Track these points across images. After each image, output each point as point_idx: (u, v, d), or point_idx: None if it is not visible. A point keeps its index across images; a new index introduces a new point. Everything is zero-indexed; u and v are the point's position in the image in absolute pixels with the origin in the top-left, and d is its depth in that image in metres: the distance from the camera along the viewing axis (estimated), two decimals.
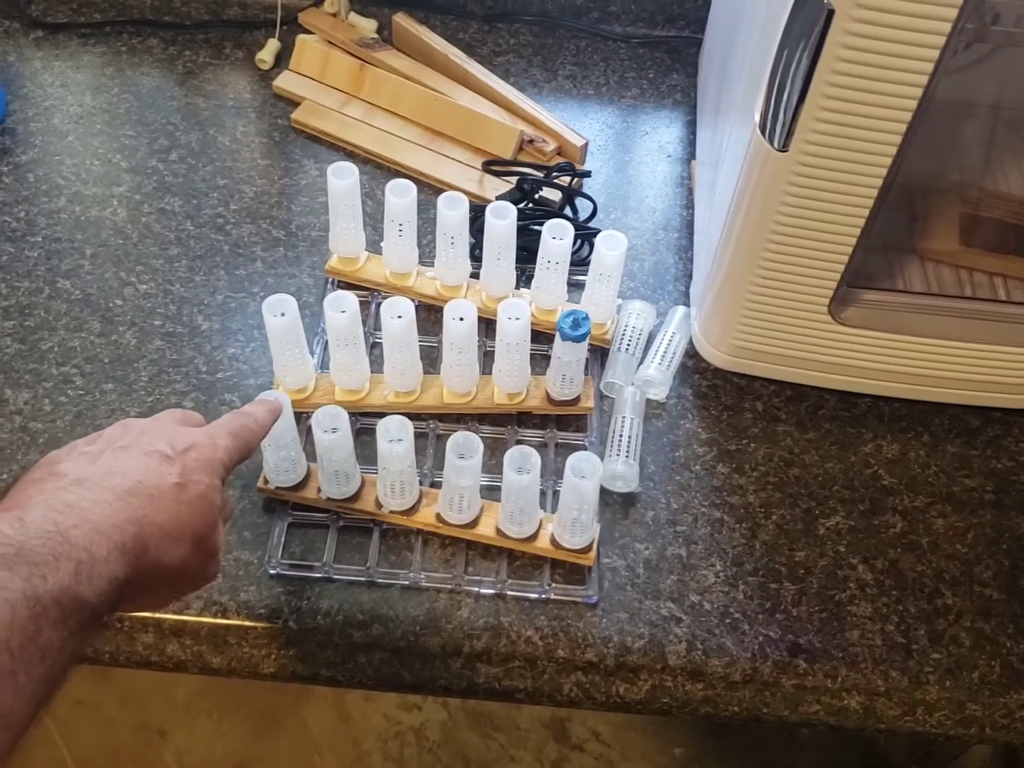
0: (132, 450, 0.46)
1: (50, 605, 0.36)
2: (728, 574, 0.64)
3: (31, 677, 0.35)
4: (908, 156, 0.56)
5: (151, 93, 0.90)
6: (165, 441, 0.47)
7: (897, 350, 0.67)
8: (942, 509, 0.68)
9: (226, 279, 0.77)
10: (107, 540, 0.40)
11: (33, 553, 0.37)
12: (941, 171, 0.77)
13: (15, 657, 0.35)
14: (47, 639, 0.36)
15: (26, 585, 0.36)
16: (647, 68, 0.94)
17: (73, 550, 0.38)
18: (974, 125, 0.79)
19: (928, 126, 0.56)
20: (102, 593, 0.39)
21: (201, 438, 0.48)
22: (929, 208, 0.74)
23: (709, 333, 0.70)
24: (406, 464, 0.61)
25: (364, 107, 0.88)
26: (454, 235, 0.70)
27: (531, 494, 0.60)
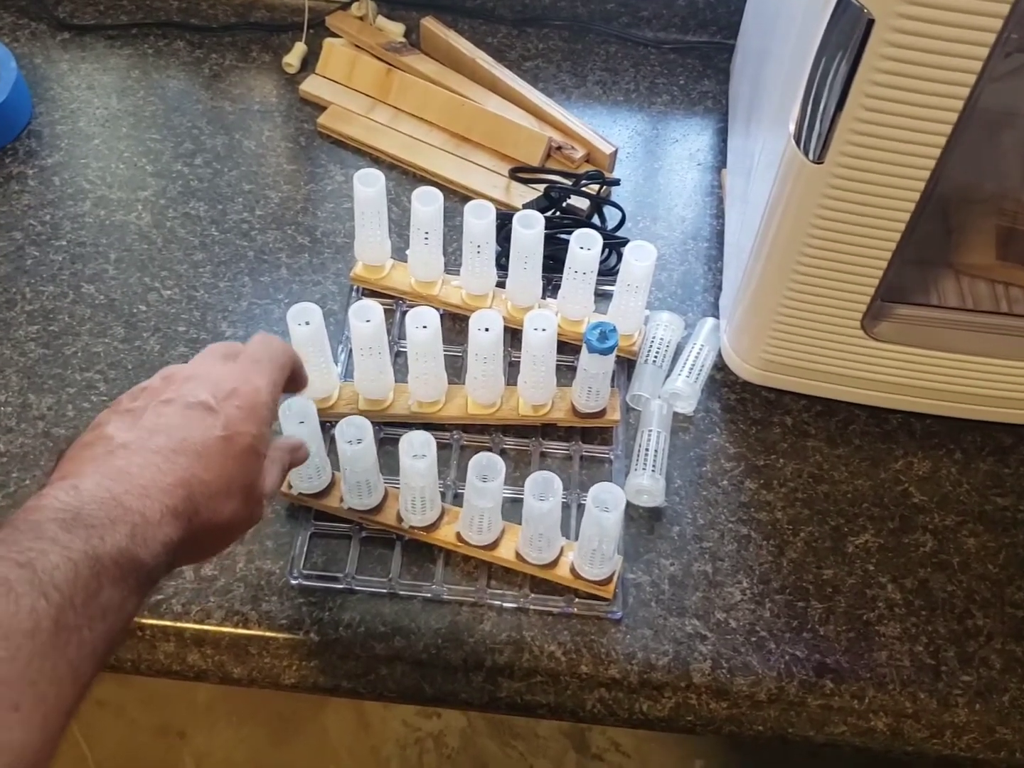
0: (175, 404, 0.46)
1: (109, 565, 0.38)
2: (755, 591, 0.63)
3: (94, 632, 0.37)
4: (947, 168, 0.55)
5: (177, 96, 0.90)
6: (207, 390, 0.46)
7: (930, 366, 0.65)
8: (974, 528, 0.66)
9: (251, 285, 0.77)
10: (159, 504, 0.41)
11: (90, 517, 0.38)
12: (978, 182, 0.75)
13: (79, 613, 0.36)
14: (108, 597, 0.37)
15: (86, 546, 0.37)
16: (678, 74, 0.93)
17: (127, 514, 0.40)
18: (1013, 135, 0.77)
19: (968, 137, 0.55)
20: (157, 555, 0.40)
21: (242, 385, 0.48)
22: (965, 220, 0.72)
23: (738, 346, 0.69)
24: (428, 480, 0.60)
25: (391, 112, 0.88)
26: (480, 244, 0.69)
27: (552, 520, 0.59)
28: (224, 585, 0.62)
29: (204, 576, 0.63)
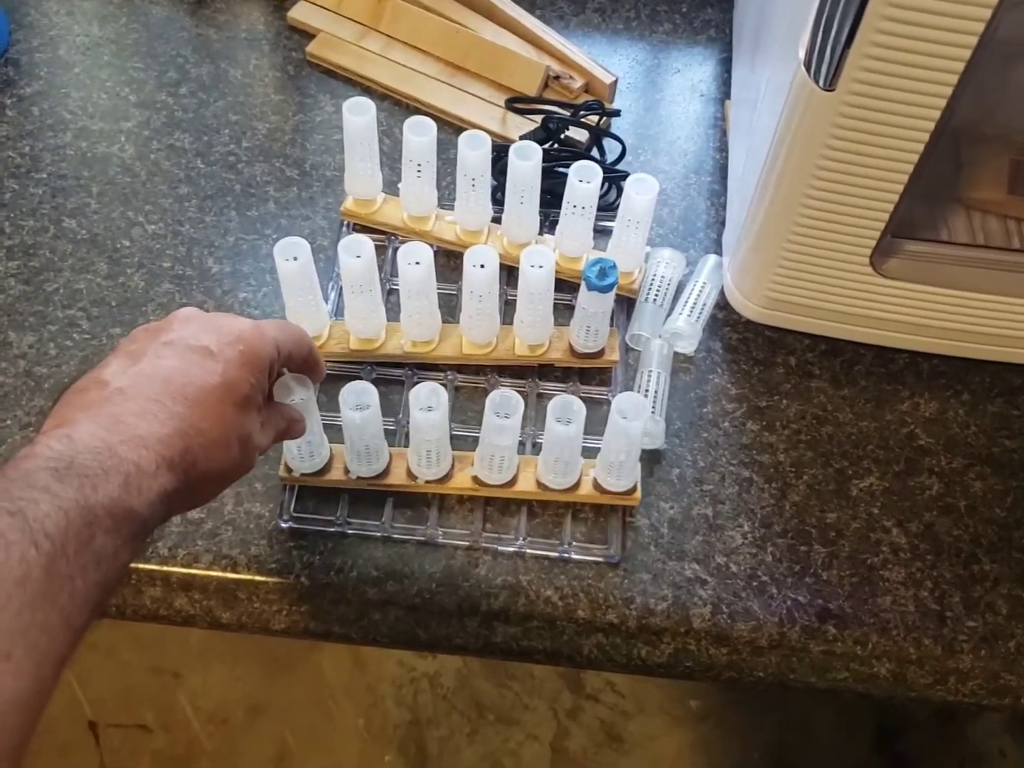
0: (175, 346, 0.45)
1: (102, 514, 0.37)
2: (756, 535, 0.62)
3: (87, 582, 0.36)
4: (962, 99, 0.52)
5: (161, 23, 0.86)
6: (210, 333, 0.45)
7: (939, 304, 0.63)
8: (981, 471, 0.65)
9: (237, 220, 0.75)
10: (155, 455, 0.40)
11: (83, 467, 0.38)
12: (991, 115, 0.72)
13: (71, 562, 0.36)
14: (100, 546, 0.37)
15: (78, 495, 0.37)
16: (680, 2, 0.89)
17: (122, 464, 0.39)
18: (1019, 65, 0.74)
19: (985, 67, 0.52)
20: (152, 504, 0.39)
21: (248, 329, 0.47)
22: (976, 155, 0.70)
23: (742, 284, 0.67)
24: (441, 432, 0.58)
25: (383, 40, 0.84)
26: (475, 177, 0.67)
27: (575, 444, 0.58)
28: (212, 528, 0.61)
29: (191, 519, 0.61)
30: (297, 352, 0.51)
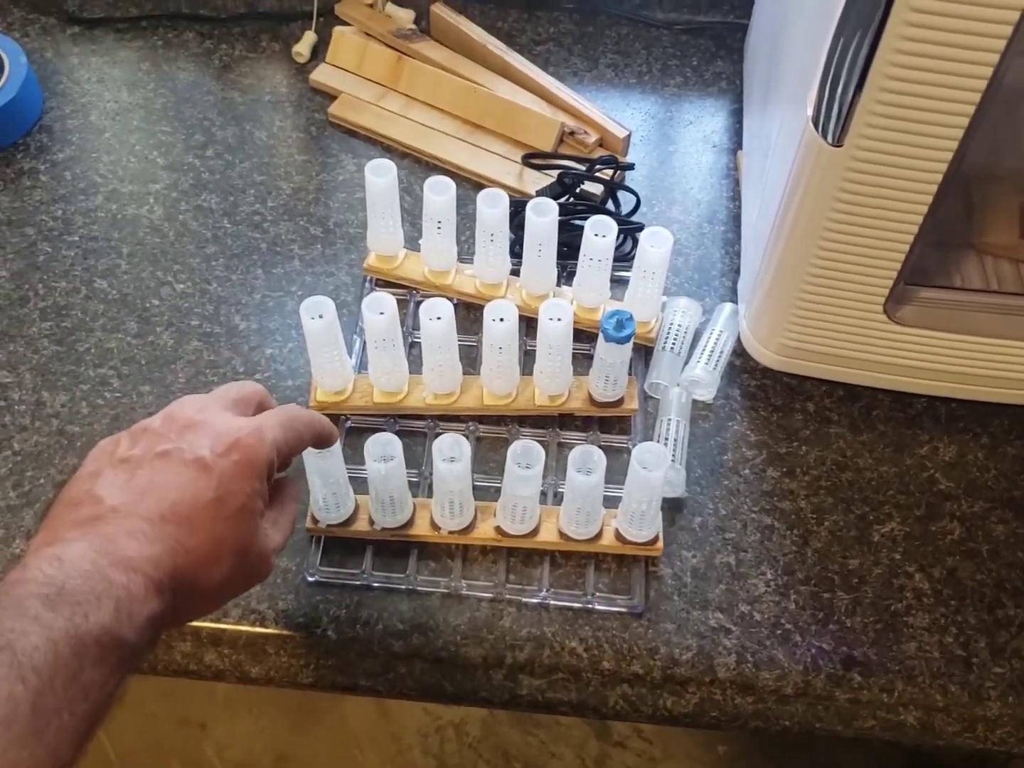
0: (171, 459, 0.45)
1: (91, 644, 0.37)
2: (779, 583, 0.62)
3: (75, 715, 0.36)
4: (971, 148, 0.53)
5: (187, 88, 0.89)
6: (208, 443, 0.45)
7: (954, 349, 0.64)
8: (1002, 515, 0.65)
9: (263, 278, 0.76)
10: (144, 577, 0.40)
11: (74, 592, 0.37)
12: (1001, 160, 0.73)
13: (59, 696, 0.35)
14: (89, 677, 0.36)
15: (69, 624, 0.36)
16: (691, 55, 0.91)
17: (112, 588, 0.39)
18: None
19: (992, 115, 0.53)
20: (141, 630, 0.39)
21: (248, 433, 0.46)
22: (987, 199, 0.71)
23: (758, 331, 0.68)
24: (464, 483, 0.59)
25: (402, 100, 0.86)
26: (494, 232, 0.68)
27: (597, 493, 0.59)
28: None
29: None
30: (304, 443, 0.50)
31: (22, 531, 0.63)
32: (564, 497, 0.60)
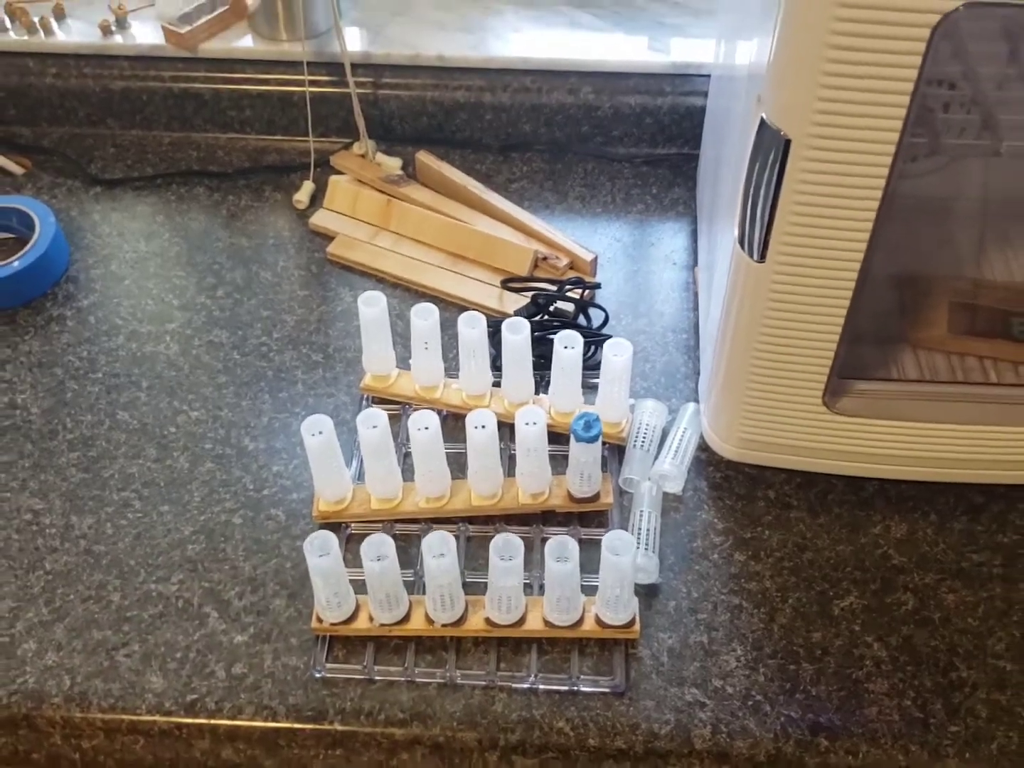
0: None
1: None
2: (749, 658, 0.67)
3: None
4: (878, 256, 0.61)
5: (199, 236, 0.99)
6: None
7: (895, 435, 0.71)
8: (952, 584, 0.70)
9: (270, 402, 0.84)
10: None
11: None
12: (928, 264, 0.82)
13: None
14: None
15: None
16: (651, 184, 1.01)
17: None
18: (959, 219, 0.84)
19: (895, 226, 0.61)
20: None
21: None
22: (918, 300, 0.79)
23: (717, 427, 0.75)
24: (452, 576, 0.65)
25: (392, 237, 0.96)
26: (474, 349, 0.76)
27: (574, 581, 0.65)
28: (253, 682, 0.67)
29: (234, 675, 0.68)
30: None
31: (53, 644, 0.69)
32: (545, 586, 0.66)
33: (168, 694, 0.67)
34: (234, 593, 0.72)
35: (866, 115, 0.53)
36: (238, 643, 0.69)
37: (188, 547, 0.74)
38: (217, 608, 0.71)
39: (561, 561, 0.63)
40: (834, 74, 0.52)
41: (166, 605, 0.71)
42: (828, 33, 0.51)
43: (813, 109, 0.53)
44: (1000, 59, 0.67)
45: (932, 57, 0.51)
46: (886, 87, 0.52)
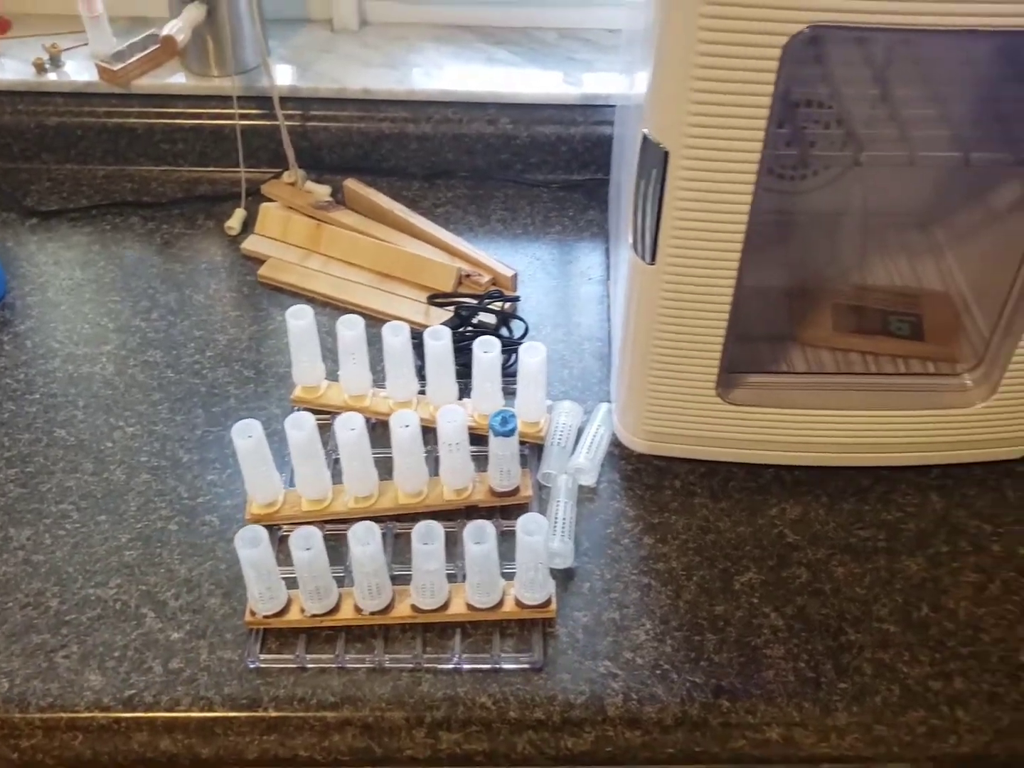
0: None
1: None
2: (657, 631, 0.72)
3: None
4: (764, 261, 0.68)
5: (133, 263, 1.03)
6: None
7: (785, 422, 0.77)
8: (841, 559, 0.76)
9: (204, 416, 0.88)
10: None
11: None
12: (814, 270, 0.89)
13: None
14: None
15: None
16: (567, 207, 1.08)
17: None
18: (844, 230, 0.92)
19: (784, 237, 0.68)
20: None
21: None
22: (805, 302, 0.86)
23: (626, 422, 0.81)
24: (378, 564, 0.69)
25: (322, 259, 1.01)
26: (399, 357, 0.81)
27: (492, 563, 0.69)
28: (190, 675, 0.70)
29: (171, 669, 0.71)
30: None
31: None
32: (466, 570, 0.71)
33: (106, 691, 0.69)
34: (170, 594, 0.75)
35: (732, 127, 0.60)
36: (174, 640, 0.72)
37: (125, 553, 0.78)
38: (154, 608, 0.74)
39: (479, 543, 0.67)
40: (701, 91, 0.59)
41: (104, 608, 0.74)
42: (694, 55, 0.57)
43: (686, 123, 0.60)
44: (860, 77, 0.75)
45: (792, 76, 0.58)
46: (747, 102, 0.59)
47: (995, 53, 0.78)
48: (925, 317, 0.85)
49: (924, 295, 0.88)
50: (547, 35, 1.12)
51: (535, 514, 0.69)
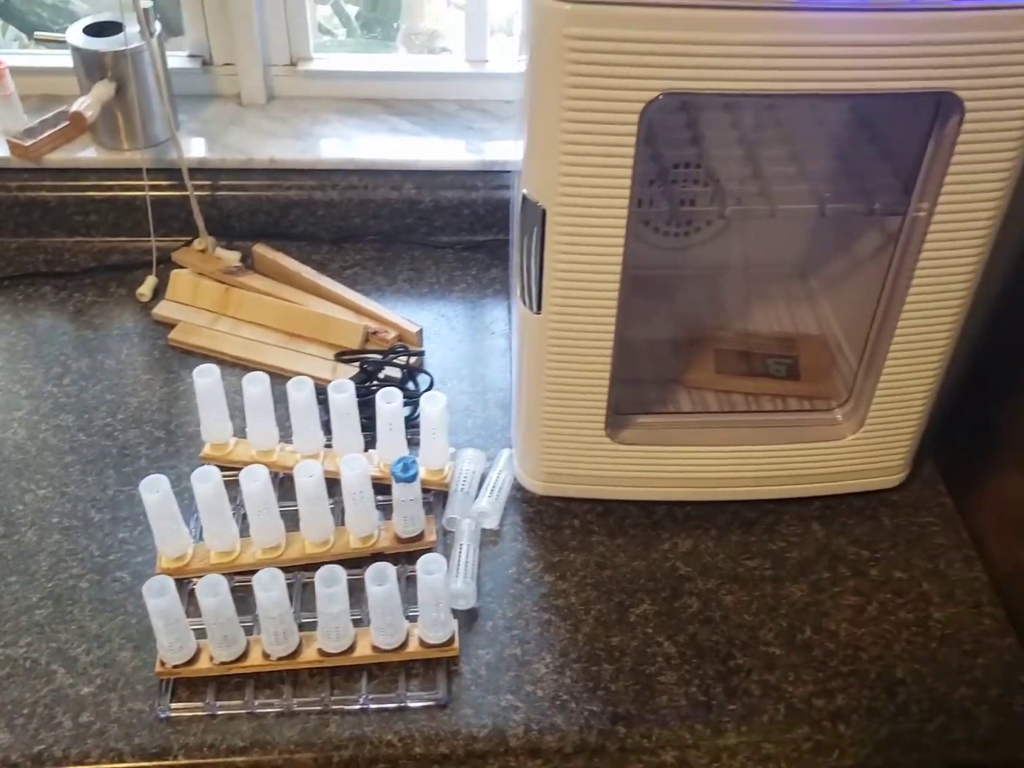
0: None
1: None
2: (556, 664, 0.75)
3: None
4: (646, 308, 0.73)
5: (46, 331, 1.04)
6: None
7: (672, 459, 0.82)
8: (730, 587, 0.81)
9: (115, 476, 0.89)
10: None
11: None
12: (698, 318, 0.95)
13: None
14: None
15: None
16: (471, 267, 1.13)
17: None
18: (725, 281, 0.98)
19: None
20: None
21: None
22: (691, 347, 0.91)
23: (525, 466, 0.85)
24: (283, 609, 0.72)
25: (231, 322, 1.04)
26: (304, 411, 0.84)
27: (394, 603, 0.72)
28: (100, 728, 0.71)
29: (81, 723, 0.72)
30: None
31: None
32: (370, 611, 0.73)
33: (15, 747, 0.70)
34: (81, 650, 0.76)
35: (600, 186, 0.65)
36: (85, 694, 0.73)
37: (35, 612, 0.79)
38: (64, 664, 0.75)
39: (380, 584, 0.70)
40: (570, 154, 0.64)
41: (13, 667, 0.75)
42: (561, 122, 0.63)
43: (558, 183, 0.65)
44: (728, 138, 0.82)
45: (666, 138, 0.64)
46: (612, 163, 0.64)
47: (847, 113, 0.86)
48: (801, 358, 0.92)
49: (801, 338, 0.94)
50: (448, 106, 1.18)
51: (434, 554, 0.72)
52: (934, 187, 0.69)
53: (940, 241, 0.72)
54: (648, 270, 0.94)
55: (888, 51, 0.63)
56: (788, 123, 0.86)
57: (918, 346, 0.77)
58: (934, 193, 0.69)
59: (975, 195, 0.69)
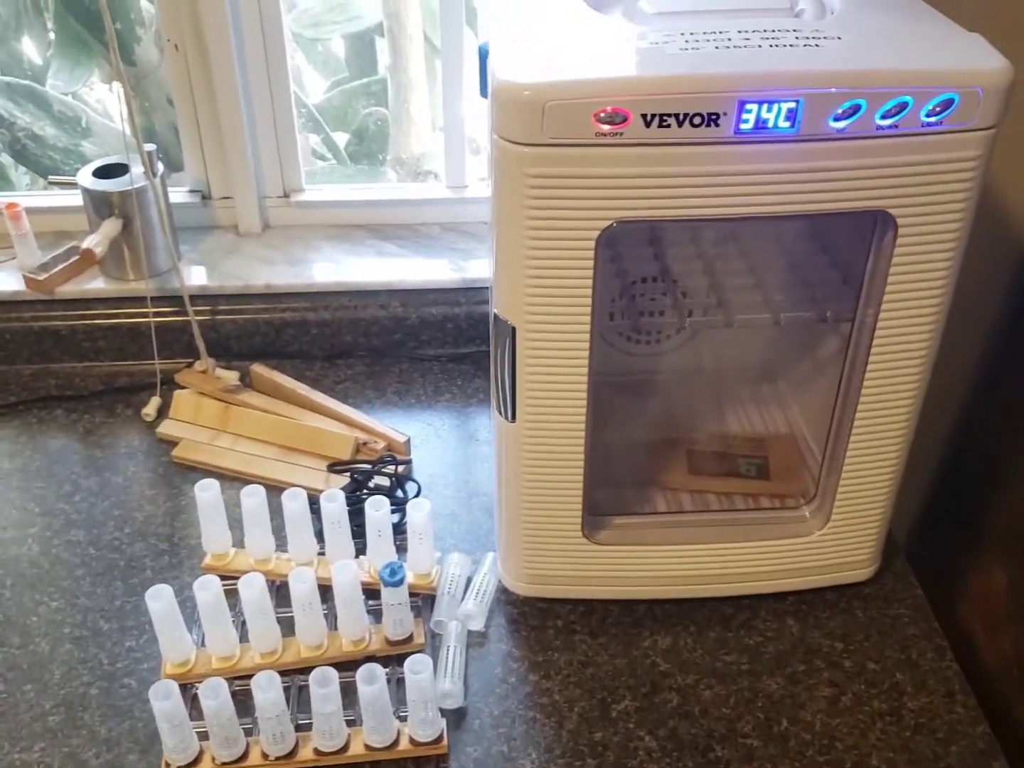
0: None
1: None
2: (542, 760, 0.78)
3: None
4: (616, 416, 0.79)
5: (58, 451, 1.10)
6: None
7: (649, 559, 0.86)
8: (708, 682, 0.84)
9: (122, 587, 0.94)
10: None
11: None
12: (672, 421, 1.00)
13: None
14: None
15: None
16: (456, 378, 1.19)
17: None
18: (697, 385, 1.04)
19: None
20: None
21: None
22: (664, 449, 0.97)
23: (509, 568, 0.89)
24: (279, 710, 0.75)
25: (231, 438, 1.10)
26: (298, 521, 0.89)
27: (383, 702, 0.75)
28: None
29: None
30: None
31: None
32: (361, 711, 0.76)
33: None
34: (91, 753, 0.79)
35: (564, 305, 0.72)
36: None
37: (49, 719, 0.82)
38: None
39: (370, 684, 0.74)
40: (534, 276, 0.70)
41: None
42: (525, 248, 0.70)
43: (525, 303, 0.72)
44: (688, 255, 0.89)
45: (631, 256, 0.70)
46: (573, 284, 0.71)
47: (800, 227, 0.93)
48: (771, 458, 0.97)
49: (771, 439, 0.99)
50: (431, 229, 1.27)
51: (421, 655, 0.75)
52: (877, 295, 0.75)
53: (886, 344, 0.77)
54: (621, 376, 1.00)
55: (820, 176, 0.69)
56: (745, 237, 0.93)
57: (875, 443, 0.82)
58: (877, 300, 0.75)
59: (914, 301, 0.75)
